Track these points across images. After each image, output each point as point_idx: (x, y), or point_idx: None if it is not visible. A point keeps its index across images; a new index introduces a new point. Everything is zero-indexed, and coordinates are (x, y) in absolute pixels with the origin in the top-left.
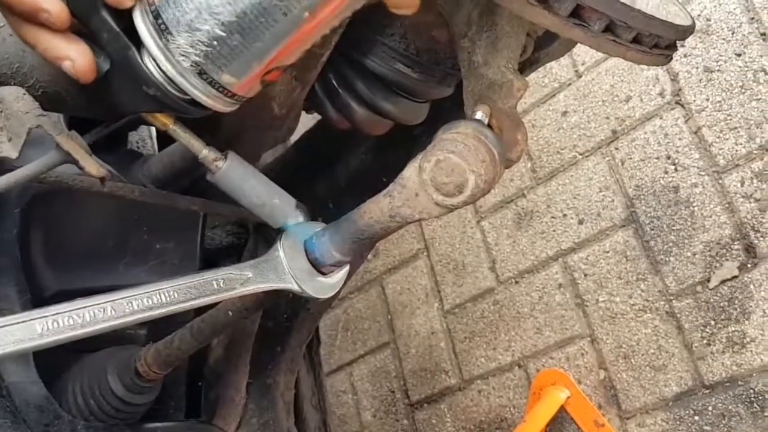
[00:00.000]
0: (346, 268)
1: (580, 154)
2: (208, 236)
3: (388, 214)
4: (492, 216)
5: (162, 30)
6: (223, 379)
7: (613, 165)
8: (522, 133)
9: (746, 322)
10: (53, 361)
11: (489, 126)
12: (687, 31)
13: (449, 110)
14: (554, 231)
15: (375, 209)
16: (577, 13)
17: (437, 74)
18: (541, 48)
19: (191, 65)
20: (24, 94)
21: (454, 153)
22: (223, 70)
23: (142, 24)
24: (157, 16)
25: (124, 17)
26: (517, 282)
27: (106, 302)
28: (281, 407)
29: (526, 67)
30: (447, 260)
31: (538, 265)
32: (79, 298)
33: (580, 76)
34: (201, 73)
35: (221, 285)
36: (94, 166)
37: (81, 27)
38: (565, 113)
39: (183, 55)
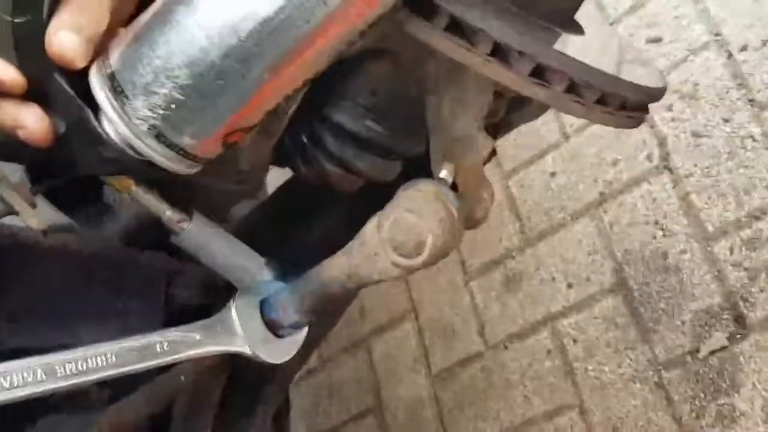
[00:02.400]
0: (305, 331)
1: (569, 216)
2: (176, 295)
3: (346, 273)
4: (481, 277)
5: (118, 93)
6: None
7: (602, 228)
8: (488, 192)
9: (736, 395)
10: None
11: (454, 184)
12: (655, 93)
13: (422, 168)
14: (543, 294)
15: (333, 267)
16: (538, 72)
17: (407, 131)
18: (514, 110)
19: (149, 128)
20: None
21: (412, 212)
22: (183, 133)
23: (97, 86)
24: (112, 78)
25: (79, 79)
26: (506, 347)
27: (36, 365)
28: None
29: (500, 129)
30: (435, 323)
31: (527, 329)
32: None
33: (568, 138)
34: (159, 136)
35: (165, 348)
36: (33, 220)
37: (34, 90)
38: (553, 174)
39: (140, 119)
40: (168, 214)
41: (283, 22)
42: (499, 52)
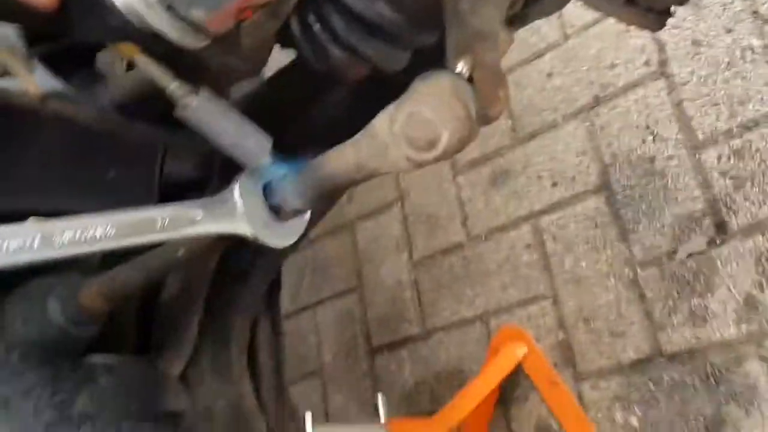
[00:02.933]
0: (307, 217)
1: (561, 118)
2: (171, 168)
3: (354, 164)
4: (468, 172)
5: None
6: (174, 318)
7: (593, 131)
8: (504, 90)
9: (710, 296)
10: None
11: (470, 80)
12: None
13: (431, 60)
14: (528, 192)
15: (340, 158)
16: None
17: (420, 19)
18: (531, 3)
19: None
20: None
21: (429, 107)
22: (193, 5)
23: None
24: None
25: None
26: (486, 239)
27: (35, 231)
28: (235, 350)
29: (515, 22)
30: (420, 212)
31: (509, 224)
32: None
33: (568, 39)
34: (170, 8)
35: (165, 225)
36: (31, 84)
37: None
38: (549, 75)
39: None
40: (173, 86)
41: None
42: None
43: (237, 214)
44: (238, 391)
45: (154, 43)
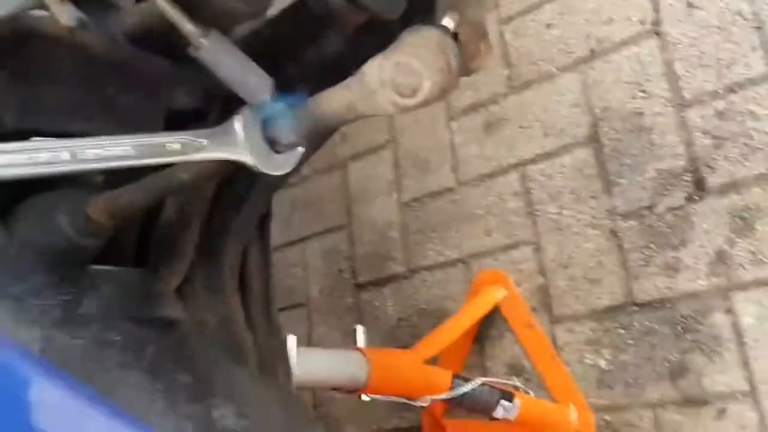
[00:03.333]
0: (300, 150)
1: (557, 69)
2: (177, 97)
3: (344, 106)
4: (462, 118)
5: None
6: (172, 237)
7: (586, 83)
8: (486, 45)
9: (683, 250)
10: (8, 197)
11: (455, 34)
12: None
13: (426, 9)
14: (519, 140)
15: (333, 100)
16: None
17: None
18: None
19: None
20: None
21: (415, 58)
22: None
23: None
24: None
25: None
26: (475, 185)
27: (63, 146)
28: (227, 270)
29: None
30: (412, 155)
31: (498, 171)
32: (38, 138)
33: None
34: None
35: (175, 148)
36: (63, 15)
37: None
38: (548, 26)
39: None
40: (188, 27)
41: None
42: None
43: (238, 143)
44: (228, 308)
45: None
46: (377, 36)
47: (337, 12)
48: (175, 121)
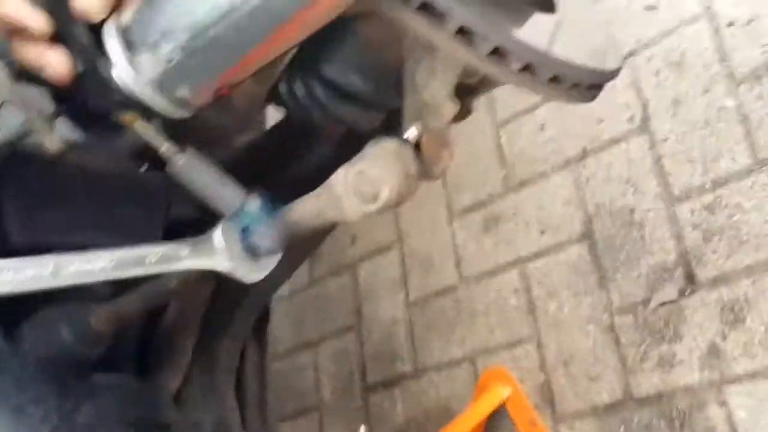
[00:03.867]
0: (278, 257)
1: (551, 168)
2: (175, 209)
3: (315, 212)
4: (463, 217)
5: (128, 47)
6: (171, 341)
7: (579, 182)
8: (447, 152)
9: (678, 344)
10: (14, 312)
11: (418, 143)
12: (607, 75)
13: (399, 121)
14: (517, 238)
15: (304, 207)
16: (498, 52)
17: (389, 88)
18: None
19: (151, 80)
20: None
21: (374, 166)
22: (179, 86)
23: (111, 39)
24: (125, 33)
25: (96, 31)
26: (477, 282)
27: (48, 262)
28: (223, 373)
29: (480, 87)
30: (417, 254)
31: (498, 268)
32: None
33: None
34: (160, 87)
35: (156, 260)
36: (51, 140)
37: (59, 35)
38: (542, 127)
39: (144, 71)
40: (165, 147)
41: (269, 2)
42: (463, 32)
43: (217, 252)
44: (224, 409)
45: (149, 113)
46: (358, 146)
47: (319, 126)
48: (176, 231)
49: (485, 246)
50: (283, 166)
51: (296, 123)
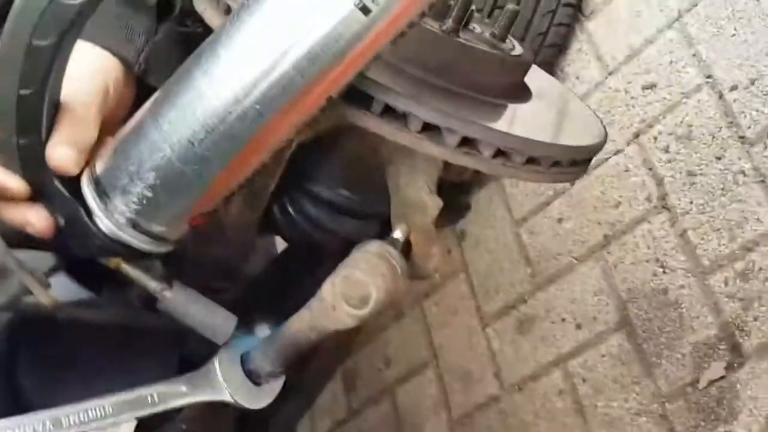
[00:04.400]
0: (281, 379)
1: (576, 259)
2: (193, 348)
3: (308, 325)
4: (496, 322)
5: (102, 194)
6: None
7: (606, 269)
8: (437, 248)
9: (734, 422)
10: None
11: (408, 241)
12: (588, 150)
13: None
14: (554, 336)
15: (298, 322)
16: (468, 143)
17: (377, 196)
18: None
19: (126, 221)
20: None
21: (358, 269)
22: (152, 222)
23: (86, 189)
24: (98, 182)
25: (73, 184)
26: (520, 389)
27: (46, 417)
28: None
29: (473, 184)
30: (455, 368)
31: (539, 370)
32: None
33: (573, 184)
34: (135, 226)
35: (155, 399)
36: (45, 297)
37: (38, 192)
38: (560, 220)
39: (119, 214)
40: (152, 284)
41: (225, 133)
42: (429, 128)
43: (218, 384)
44: None
45: (132, 253)
46: None
47: (317, 242)
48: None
49: (523, 349)
50: (294, 287)
51: (299, 246)
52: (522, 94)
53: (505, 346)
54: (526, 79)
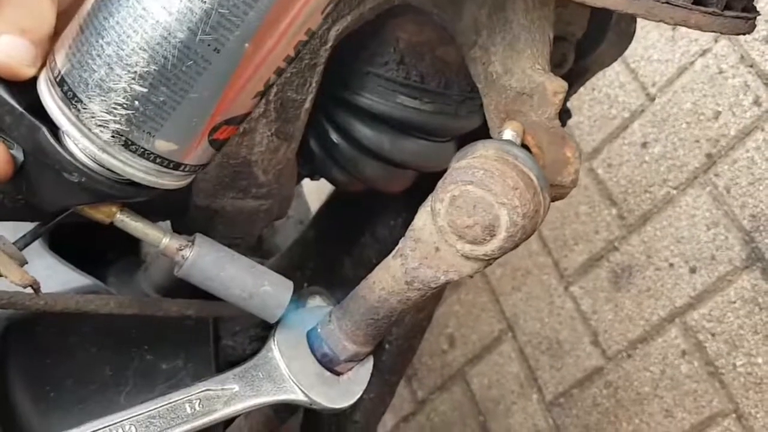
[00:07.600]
0: (369, 363)
1: (674, 189)
2: (229, 346)
3: (403, 280)
4: (582, 279)
5: (70, 98)
6: None
7: (717, 195)
8: (571, 148)
9: None
10: None
11: (523, 145)
12: None
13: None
14: (663, 286)
15: (386, 277)
16: None
17: (452, 101)
18: (585, 54)
19: (113, 136)
20: None
21: (473, 183)
22: (155, 135)
23: (46, 95)
24: (62, 82)
25: (28, 91)
26: (629, 355)
27: None
28: None
29: (573, 80)
30: (538, 340)
31: (651, 330)
32: None
33: (653, 99)
34: (127, 144)
35: (197, 408)
36: (16, 276)
37: None
38: (645, 144)
39: (100, 125)
40: (165, 241)
41: None
42: None
43: (281, 377)
44: None
45: (130, 193)
46: None
47: (374, 180)
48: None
49: (624, 307)
50: (345, 253)
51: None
52: None
53: (600, 306)
54: None
